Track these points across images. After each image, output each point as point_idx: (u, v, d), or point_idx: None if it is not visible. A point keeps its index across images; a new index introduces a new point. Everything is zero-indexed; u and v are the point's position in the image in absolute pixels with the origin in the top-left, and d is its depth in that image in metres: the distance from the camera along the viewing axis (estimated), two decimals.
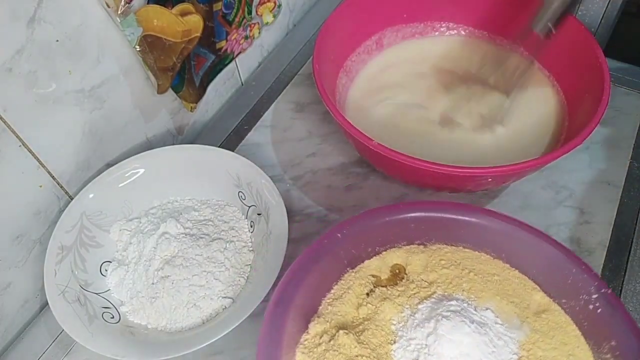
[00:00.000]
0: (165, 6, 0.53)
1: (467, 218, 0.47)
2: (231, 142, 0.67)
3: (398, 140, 0.60)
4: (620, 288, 0.53)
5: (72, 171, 0.54)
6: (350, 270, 0.46)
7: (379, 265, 0.47)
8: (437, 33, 0.69)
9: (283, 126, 0.68)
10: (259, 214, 0.55)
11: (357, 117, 0.62)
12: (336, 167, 0.64)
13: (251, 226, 0.56)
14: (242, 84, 0.75)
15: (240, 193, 0.57)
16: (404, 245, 0.48)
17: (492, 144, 0.60)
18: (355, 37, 0.66)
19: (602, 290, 0.42)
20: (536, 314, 0.44)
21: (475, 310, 0.43)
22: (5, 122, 0.46)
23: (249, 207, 0.56)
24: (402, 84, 0.66)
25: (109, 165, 0.58)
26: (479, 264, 0.47)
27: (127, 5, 0.49)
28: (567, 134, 0.58)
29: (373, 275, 0.47)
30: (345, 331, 0.41)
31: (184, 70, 0.60)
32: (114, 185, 0.56)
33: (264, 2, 0.69)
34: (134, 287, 0.52)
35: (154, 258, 0.53)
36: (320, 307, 0.44)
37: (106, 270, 0.54)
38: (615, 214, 0.58)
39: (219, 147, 0.60)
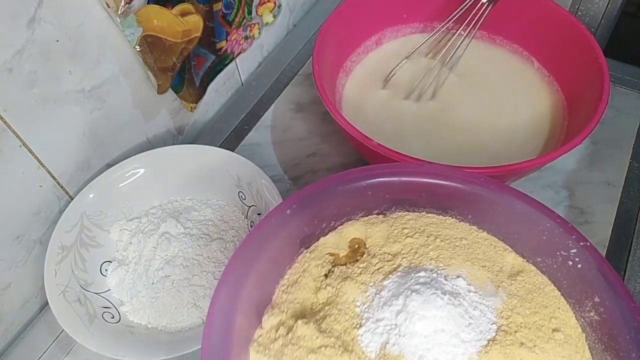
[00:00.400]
0: (165, 6, 0.53)
1: (426, 180, 0.42)
2: (231, 142, 0.67)
3: (398, 139, 0.60)
4: None
5: (72, 171, 0.54)
6: (305, 251, 0.41)
7: (336, 241, 0.43)
8: (437, 33, 0.69)
9: (283, 126, 0.68)
10: (259, 214, 0.55)
11: (356, 116, 0.62)
12: (336, 167, 0.64)
13: (251, 226, 0.56)
14: (242, 84, 0.75)
15: (240, 193, 0.57)
16: (361, 216, 0.44)
17: (491, 143, 0.60)
18: (355, 37, 0.67)
19: (581, 244, 0.38)
20: (511, 277, 0.41)
21: (446, 279, 0.39)
22: (5, 122, 0.46)
23: (249, 207, 0.56)
24: (397, 79, 0.66)
25: (109, 165, 0.58)
26: (444, 229, 0.43)
27: (127, 5, 0.49)
28: (567, 133, 0.58)
29: (330, 254, 0.42)
30: (304, 320, 0.37)
31: (184, 70, 0.60)
32: (114, 185, 0.56)
33: (264, 2, 0.69)
34: (134, 287, 0.52)
35: (154, 258, 0.53)
36: (274, 296, 0.39)
37: (106, 270, 0.54)
38: (615, 214, 0.58)
39: (219, 147, 0.60)
